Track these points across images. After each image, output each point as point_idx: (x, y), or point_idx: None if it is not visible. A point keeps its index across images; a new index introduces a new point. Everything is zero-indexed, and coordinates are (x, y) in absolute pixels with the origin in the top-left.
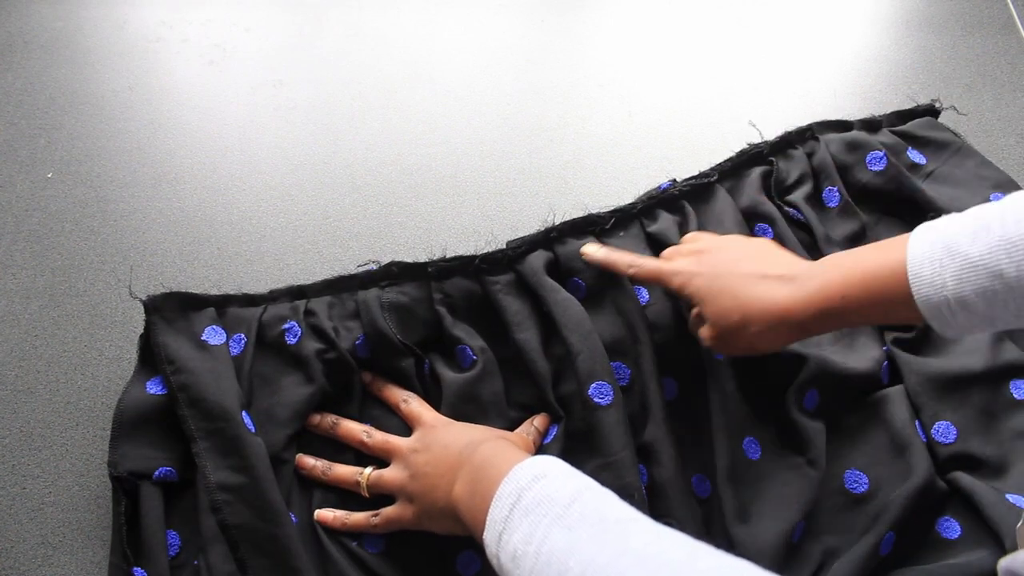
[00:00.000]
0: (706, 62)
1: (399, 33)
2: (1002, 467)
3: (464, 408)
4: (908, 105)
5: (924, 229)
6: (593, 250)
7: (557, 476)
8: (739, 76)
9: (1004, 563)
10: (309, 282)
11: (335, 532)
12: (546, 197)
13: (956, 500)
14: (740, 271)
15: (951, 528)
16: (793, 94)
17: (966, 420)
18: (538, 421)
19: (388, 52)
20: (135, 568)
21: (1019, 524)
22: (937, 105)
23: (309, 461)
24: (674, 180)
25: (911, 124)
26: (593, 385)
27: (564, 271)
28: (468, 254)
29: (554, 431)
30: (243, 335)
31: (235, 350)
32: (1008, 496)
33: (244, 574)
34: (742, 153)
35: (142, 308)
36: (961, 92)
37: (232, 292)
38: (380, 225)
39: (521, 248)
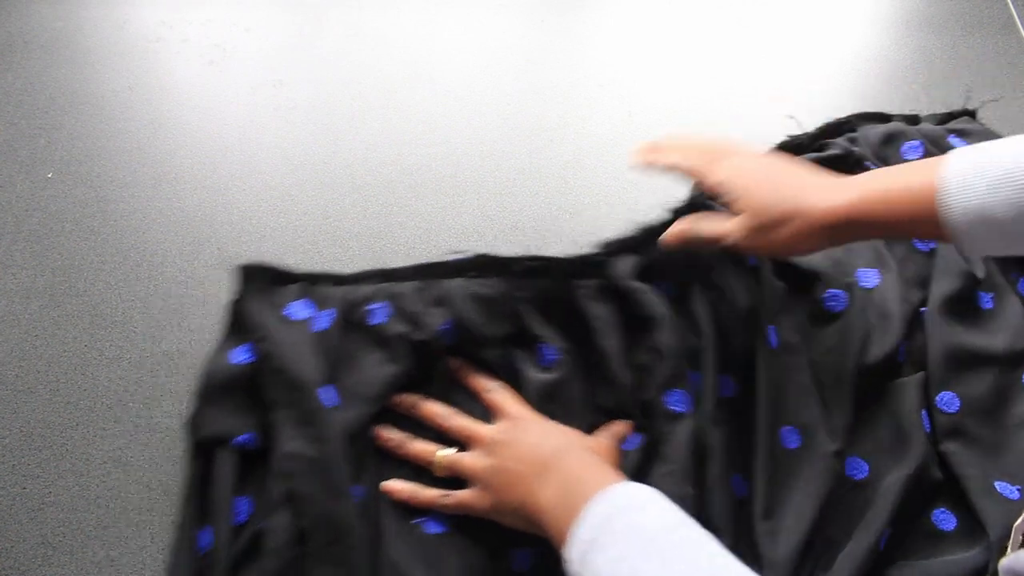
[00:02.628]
0: (706, 62)
1: (399, 33)
2: (998, 449)
3: (544, 407)
4: (909, 104)
5: (963, 148)
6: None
7: (651, 506)
8: (739, 76)
9: (1006, 563)
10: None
11: (399, 506)
12: (546, 197)
13: (951, 492)
14: (783, 169)
15: (946, 520)
16: (793, 94)
17: (973, 396)
18: (619, 427)
19: (388, 52)
20: (203, 530)
21: (1018, 521)
22: (973, 106)
23: (387, 433)
24: None
25: (951, 123)
26: (671, 393)
27: (652, 276)
28: (556, 255)
29: (637, 441)
30: (331, 310)
31: (322, 325)
32: (997, 484)
33: (302, 543)
34: (782, 145)
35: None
36: (961, 92)
37: (321, 271)
38: (380, 225)
39: (611, 249)
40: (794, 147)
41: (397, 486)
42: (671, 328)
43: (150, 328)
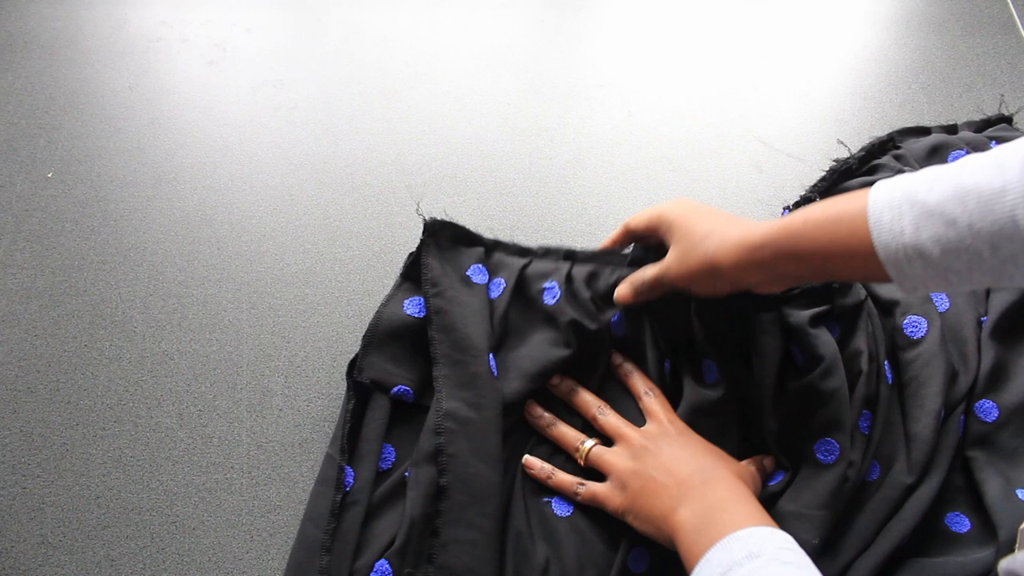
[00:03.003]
0: (706, 62)
1: (399, 33)
2: None
3: (697, 422)
4: (908, 104)
5: (887, 180)
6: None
7: (771, 562)
8: (739, 76)
9: (1004, 564)
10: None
11: (531, 480)
12: (546, 197)
13: (969, 496)
14: (714, 208)
15: (960, 523)
16: (793, 94)
17: (1013, 407)
18: (767, 461)
19: (388, 52)
20: (347, 466)
21: (1023, 525)
22: (1007, 112)
23: (538, 410)
24: (787, 207)
25: (988, 131)
26: (824, 442)
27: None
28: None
29: (780, 477)
30: (503, 280)
31: (493, 293)
32: (1019, 491)
33: (441, 500)
34: (832, 171)
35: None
36: (961, 92)
37: (502, 239)
38: (380, 225)
39: (796, 291)
40: (845, 172)
41: (536, 463)
42: (837, 373)
43: (150, 328)
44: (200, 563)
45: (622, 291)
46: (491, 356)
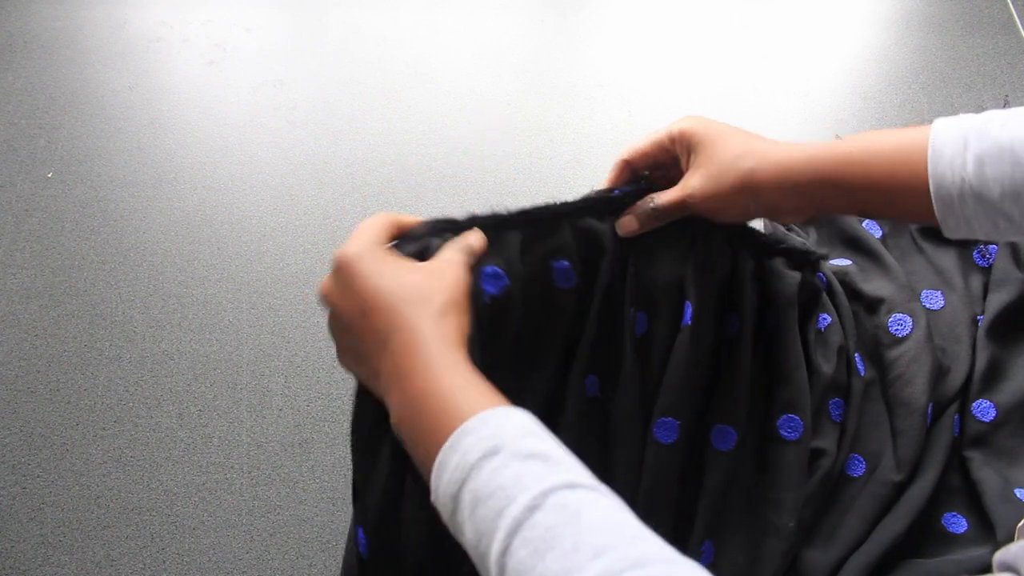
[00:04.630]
0: (706, 62)
1: (399, 33)
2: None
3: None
4: (909, 104)
5: (957, 117)
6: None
7: (513, 457)
8: (739, 76)
9: (999, 555)
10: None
11: None
12: (546, 197)
13: (966, 496)
14: (738, 126)
15: (957, 523)
16: (793, 94)
17: (1010, 406)
18: (474, 239)
19: (388, 52)
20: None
21: (1021, 523)
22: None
23: None
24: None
25: None
26: (784, 417)
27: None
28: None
29: (732, 440)
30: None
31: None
32: (1017, 490)
33: None
34: None
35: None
36: (961, 92)
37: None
38: None
39: (782, 245)
40: None
41: None
42: (794, 350)
43: (150, 328)
44: (200, 563)
45: (627, 222)
46: None
